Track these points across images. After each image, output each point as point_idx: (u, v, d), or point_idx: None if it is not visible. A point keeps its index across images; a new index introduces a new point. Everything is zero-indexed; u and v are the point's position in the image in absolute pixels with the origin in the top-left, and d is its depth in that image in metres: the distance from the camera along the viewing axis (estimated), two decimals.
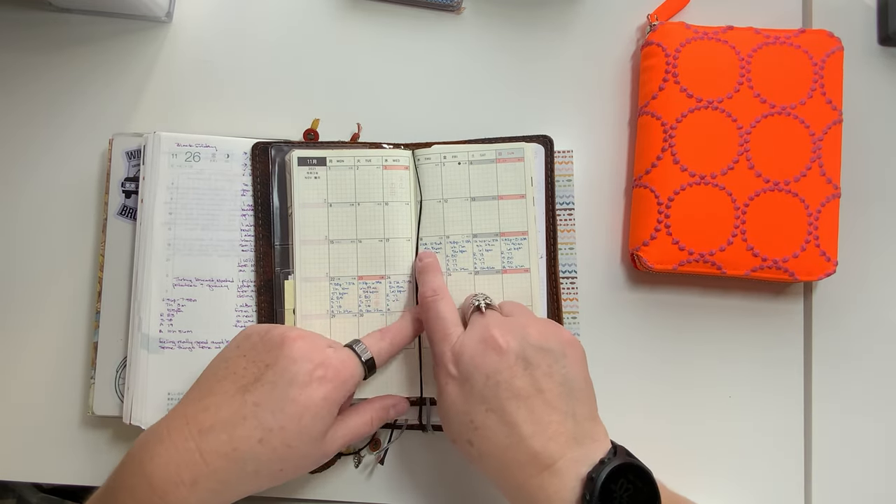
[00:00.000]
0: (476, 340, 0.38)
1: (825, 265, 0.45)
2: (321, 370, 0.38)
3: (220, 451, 0.36)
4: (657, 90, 0.47)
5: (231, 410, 0.37)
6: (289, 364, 0.38)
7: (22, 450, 0.47)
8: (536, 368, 0.37)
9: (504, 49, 0.51)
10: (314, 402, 0.37)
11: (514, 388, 0.36)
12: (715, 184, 0.45)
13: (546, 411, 0.36)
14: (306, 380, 0.37)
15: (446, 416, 0.39)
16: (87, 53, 0.51)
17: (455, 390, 0.38)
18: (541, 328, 0.39)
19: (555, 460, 0.35)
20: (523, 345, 0.37)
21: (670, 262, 0.45)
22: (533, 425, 0.36)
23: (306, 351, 0.38)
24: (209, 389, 0.39)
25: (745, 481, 0.47)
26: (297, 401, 0.37)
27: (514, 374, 0.37)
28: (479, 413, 0.37)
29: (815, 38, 0.47)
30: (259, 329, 0.41)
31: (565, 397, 0.37)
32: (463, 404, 0.37)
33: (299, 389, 0.37)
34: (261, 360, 0.39)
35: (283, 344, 0.38)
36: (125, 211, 0.47)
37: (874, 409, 0.47)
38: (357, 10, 0.51)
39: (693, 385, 0.48)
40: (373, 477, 0.47)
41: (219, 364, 0.40)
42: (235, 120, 0.50)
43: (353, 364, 0.40)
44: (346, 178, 0.47)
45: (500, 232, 0.46)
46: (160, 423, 0.38)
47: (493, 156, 0.47)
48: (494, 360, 0.37)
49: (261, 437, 0.36)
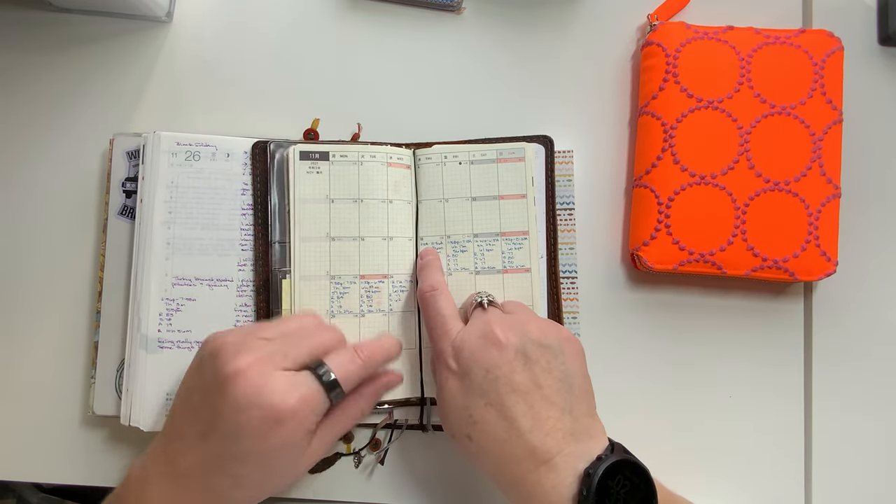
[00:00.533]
0: (476, 336, 0.38)
1: (825, 265, 0.45)
2: (273, 414, 0.34)
3: (205, 498, 0.36)
4: (657, 90, 0.47)
5: (199, 458, 0.35)
6: (234, 415, 0.34)
7: (22, 450, 0.47)
8: (535, 364, 0.37)
9: (504, 49, 0.51)
10: (274, 447, 0.35)
11: (514, 382, 0.37)
12: (715, 184, 0.45)
13: (544, 406, 0.36)
14: (257, 428, 0.34)
15: (445, 411, 0.39)
16: (87, 53, 0.51)
17: (455, 384, 0.38)
18: (541, 325, 0.39)
19: (552, 455, 0.35)
20: (523, 340, 0.38)
21: (670, 262, 0.45)
22: (531, 420, 0.36)
23: (251, 394, 0.34)
24: (179, 430, 0.37)
25: (745, 481, 0.47)
26: (253, 452, 0.34)
27: (514, 369, 0.37)
28: (479, 407, 0.37)
29: (816, 38, 0.47)
30: (202, 354, 0.37)
31: (564, 393, 0.37)
32: (462, 398, 0.37)
33: (251, 441, 0.34)
34: (208, 403, 0.35)
35: (223, 388, 0.34)
36: (126, 211, 0.47)
37: (874, 409, 0.47)
38: (357, 10, 0.51)
39: (693, 385, 0.48)
40: (373, 477, 0.47)
41: (179, 399, 0.38)
42: (236, 120, 0.50)
43: (313, 396, 0.36)
44: (350, 173, 0.46)
45: (501, 232, 0.46)
46: (146, 462, 0.38)
47: (494, 156, 0.47)
48: (494, 355, 0.37)
49: (233, 483, 0.36)
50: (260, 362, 0.35)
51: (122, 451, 0.47)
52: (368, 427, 0.46)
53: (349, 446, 0.47)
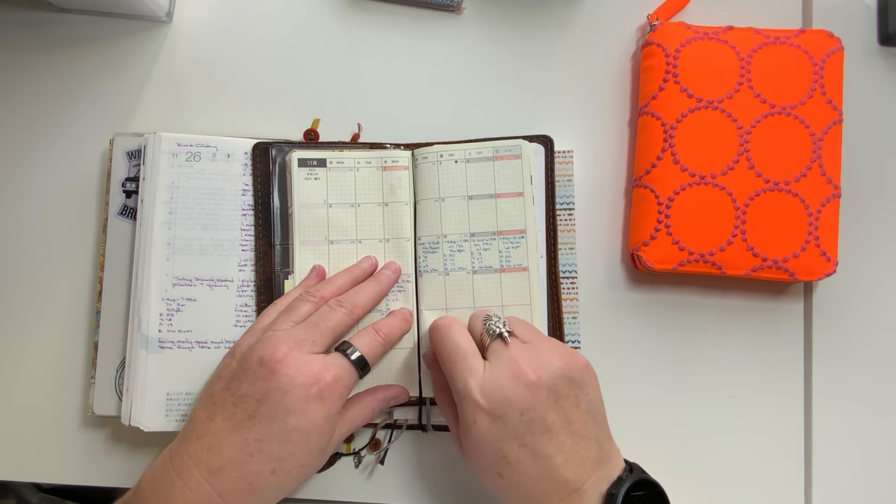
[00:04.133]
0: (507, 377, 0.38)
1: (825, 265, 0.45)
2: (315, 390, 0.38)
3: (235, 489, 0.37)
4: (657, 90, 0.47)
5: (235, 449, 0.37)
6: (280, 397, 0.37)
7: (22, 450, 0.47)
8: (566, 401, 0.38)
9: (504, 49, 0.51)
10: (316, 423, 0.38)
11: (547, 423, 0.37)
12: (715, 184, 0.45)
13: (575, 440, 0.37)
14: (302, 405, 0.37)
15: (476, 451, 0.38)
16: (87, 53, 0.51)
17: (486, 426, 0.37)
18: (563, 355, 0.39)
19: (582, 484, 0.37)
20: (553, 377, 0.38)
21: (670, 262, 0.45)
22: (563, 455, 0.37)
23: (295, 375, 0.38)
24: (205, 429, 0.38)
25: (745, 481, 0.47)
26: (299, 428, 0.37)
27: (547, 408, 0.37)
28: (513, 449, 0.37)
29: (815, 38, 0.47)
30: (239, 355, 0.40)
31: (591, 424, 0.38)
32: (495, 441, 0.37)
33: (298, 417, 0.37)
34: (248, 394, 0.38)
35: (270, 376, 0.38)
36: (126, 211, 0.47)
37: (874, 409, 0.47)
38: (357, 10, 0.51)
39: (693, 385, 0.48)
40: (373, 477, 0.47)
41: (206, 399, 0.40)
42: (236, 120, 0.50)
43: (346, 373, 0.40)
44: (346, 179, 0.47)
45: (498, 230, 0.46)
46: (165, 466, 0.38)
47: (491, 153, 0.47)
48: (528, 397, 0.37)
49: (273, 469, 0.37)
50: (296, 348, 0.39)
51: (122, 451, 0.47)
52: (368, 427, 0.46)
53: (349, 446, 0.47)
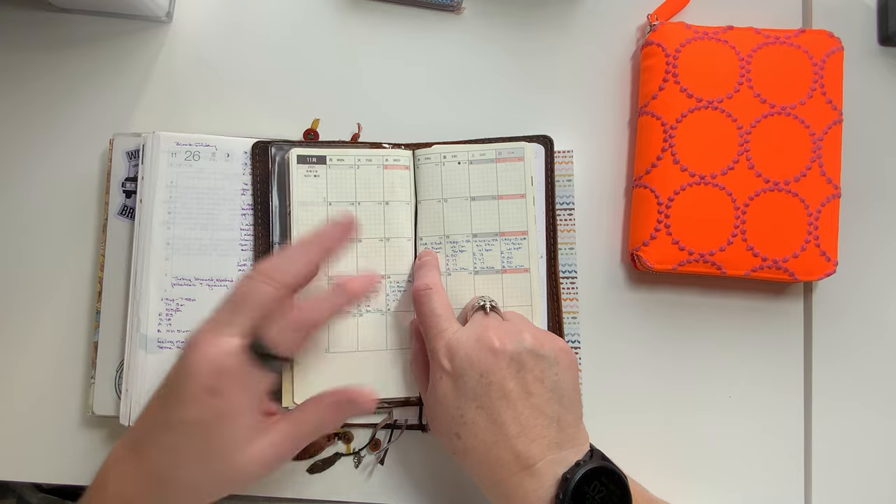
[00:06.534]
0: (473, 339, 0.39)
1: (825, 265, 0.45)
2: (209, 380, 0.35)
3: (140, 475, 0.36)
4: (657, 90, 0.47)
5: (148, 425, 0.38)
6: (183, 382, 0.36)
7: (22, 450, 0.47)
8: (529, 373, 0.38)
9: (504, 49, 0.51)
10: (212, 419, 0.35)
11: (505, 389, 0.37)
12: (715, 184, 0.45)
13: (532, 415, 0.37)
14: (196, 396, 0.35)
15: (436, 409, 0.40)
16: (87, 53, 0.51)
17: (448, 384, 0.39)
18: (537, 334, 0.40)
19: (535, 461, 0.36)
20: (519, 348, 0.38)
21: (670, 262, 0.45)
22: (518, 426, 0.37)
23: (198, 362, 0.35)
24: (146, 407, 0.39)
25: (745, 481, 0.47)
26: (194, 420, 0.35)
27: (507, 375, 0.38)
28: (470, 409, 0.38)
29: (815, 38, 0.47)
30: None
31: (553, 403, 0.38)
32: (454, 399, 0.38)
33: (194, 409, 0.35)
34: (167, 378, 0.37)
35: (180, 361, 0.36)
36: (125, 211, 0.47)
37: (874, 409, 0.47)
38: (357, 10, 0.51)
39: (693, 385, 0.48)
40: (373, 477, 0.47)
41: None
42: (235, 120, 0.50)
43: (240, 363, 0.35)
44: (347, 176, 0.47)
45: (500, 232, 0.46)
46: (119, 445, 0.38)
47: (493, 155, 0.47)
48: (489, 360, 0.38)
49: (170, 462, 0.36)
50: (213, 331, 0.36)
51: None
52: (368, 427, 0.46)
53: (349, 446, 0.47)
